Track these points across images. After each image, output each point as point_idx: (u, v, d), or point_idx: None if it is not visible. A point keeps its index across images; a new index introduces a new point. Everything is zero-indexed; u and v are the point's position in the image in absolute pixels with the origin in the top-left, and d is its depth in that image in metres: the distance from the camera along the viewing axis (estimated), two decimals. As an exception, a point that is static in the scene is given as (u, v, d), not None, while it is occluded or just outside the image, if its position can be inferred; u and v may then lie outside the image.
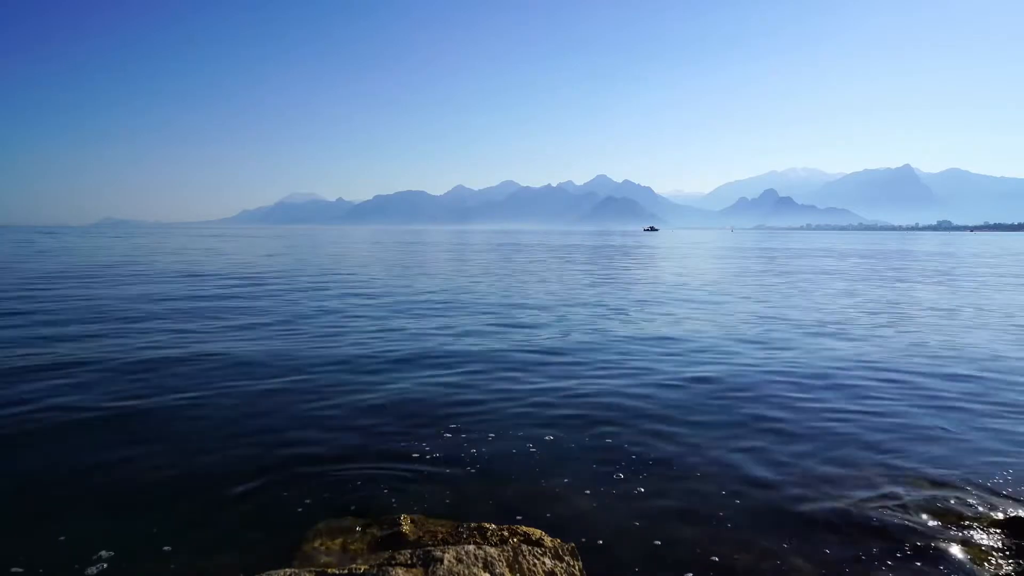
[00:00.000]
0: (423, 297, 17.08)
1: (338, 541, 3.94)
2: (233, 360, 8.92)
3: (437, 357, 9.32)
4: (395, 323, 12.44)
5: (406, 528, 3.84)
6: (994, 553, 3.91)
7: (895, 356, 9.79)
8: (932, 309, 15.64)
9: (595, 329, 11.98)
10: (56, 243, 59.13)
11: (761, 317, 13.91)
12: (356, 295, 17.48)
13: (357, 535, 4.00)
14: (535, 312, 14.36)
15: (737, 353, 9.85)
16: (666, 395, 7.43)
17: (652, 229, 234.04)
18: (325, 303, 15.54)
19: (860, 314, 14.56)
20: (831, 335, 11.58)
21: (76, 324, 11.81)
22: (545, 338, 10.98)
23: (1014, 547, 3.94)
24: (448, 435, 5.95)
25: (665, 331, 11.82)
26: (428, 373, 8.35)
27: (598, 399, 7.24)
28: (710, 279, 24.24)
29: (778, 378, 8.27)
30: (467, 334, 11.28)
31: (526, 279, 23.34)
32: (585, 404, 7.04)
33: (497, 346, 10.20)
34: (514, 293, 18.30)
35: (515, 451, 5.58)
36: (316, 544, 3.92)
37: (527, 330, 11.82)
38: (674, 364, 9.02)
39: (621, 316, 13.86)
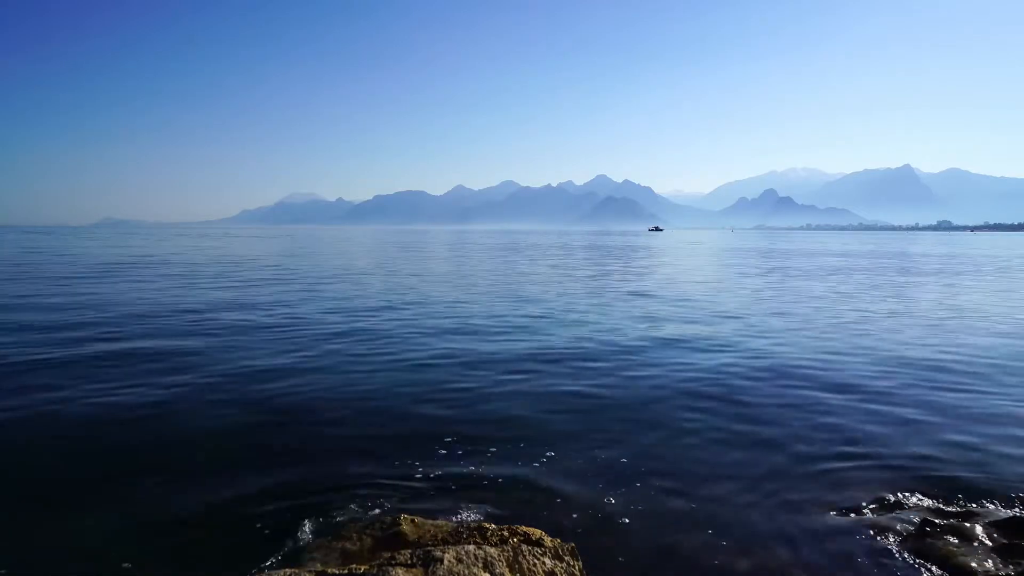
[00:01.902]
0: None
1: (338, 541, 3.94)
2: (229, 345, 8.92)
3: (443, 356, 9.33)
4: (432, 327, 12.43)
5: (406, 528, 3.84)
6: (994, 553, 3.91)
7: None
8: None
9: (612, 329, 11.98)
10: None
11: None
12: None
13: (357, 535, 3.99)
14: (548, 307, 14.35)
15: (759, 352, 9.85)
16: (669, 398, 7.44)
17: (657, 229, 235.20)
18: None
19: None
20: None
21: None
22: (554, 338, 10.98)
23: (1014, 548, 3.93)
24: (449, 434, 5.95)
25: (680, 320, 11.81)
26: (433, 370, 8.36)
27: (603, 401, 7.26)
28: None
29: (798, 387, 8.28)
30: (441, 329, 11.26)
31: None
32: (590, 405, 7.06)
33: (492, 346, 10.21)
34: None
35: (516, 451, 5.58)
36: (316, 543, 3.92)
37: (533, 330, 11.83)
38: (675, 364, 9.02)
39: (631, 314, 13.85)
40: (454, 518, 4.27)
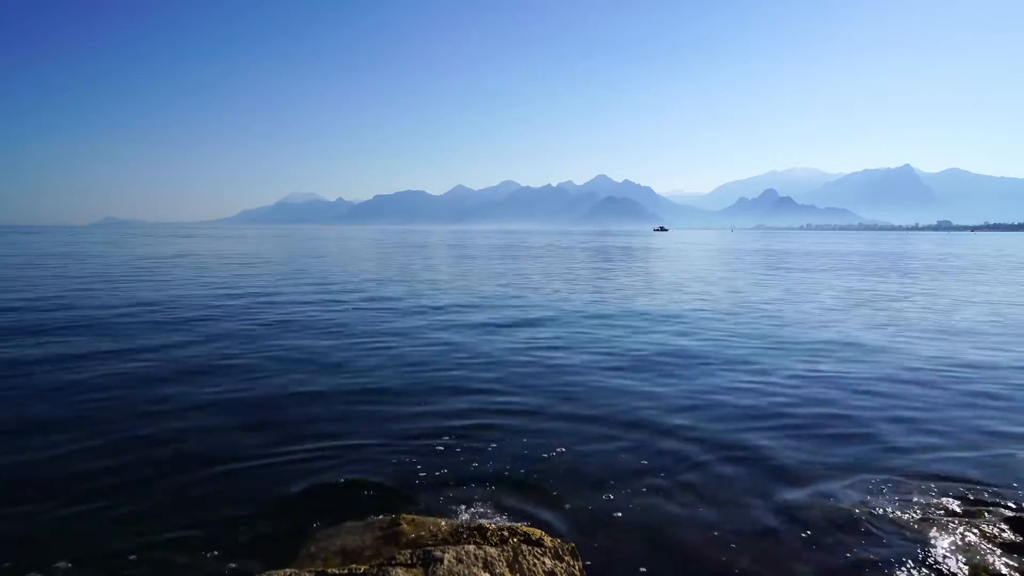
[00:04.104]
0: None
1: (338, 541, 3.93)
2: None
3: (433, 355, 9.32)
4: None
5: (406, 528, 3.83)
6: (997, 551, 3.90)
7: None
8: None
9: (597, 326, 11.97)
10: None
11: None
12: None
13: (357, 535, 3.99)
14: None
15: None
16: (669, 400, 7.43)
17: (662, 229, 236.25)
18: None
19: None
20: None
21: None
22: (553, 336, 10.98)
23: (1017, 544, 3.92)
24: (448, 434, 5.94)
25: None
26: (433, 371, 8.35)
27: (601, 399, 7.25)
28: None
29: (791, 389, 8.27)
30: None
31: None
32: (589, 405, 7.05)
33: (477, 342, 10.20)
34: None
35: (516, 451, 5.57)
36: (315, 543, 3.91)
37: (531, 329, 11.83)
38: (667, 361, 9.01)
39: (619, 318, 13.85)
40: (454, 518, 4.26)
